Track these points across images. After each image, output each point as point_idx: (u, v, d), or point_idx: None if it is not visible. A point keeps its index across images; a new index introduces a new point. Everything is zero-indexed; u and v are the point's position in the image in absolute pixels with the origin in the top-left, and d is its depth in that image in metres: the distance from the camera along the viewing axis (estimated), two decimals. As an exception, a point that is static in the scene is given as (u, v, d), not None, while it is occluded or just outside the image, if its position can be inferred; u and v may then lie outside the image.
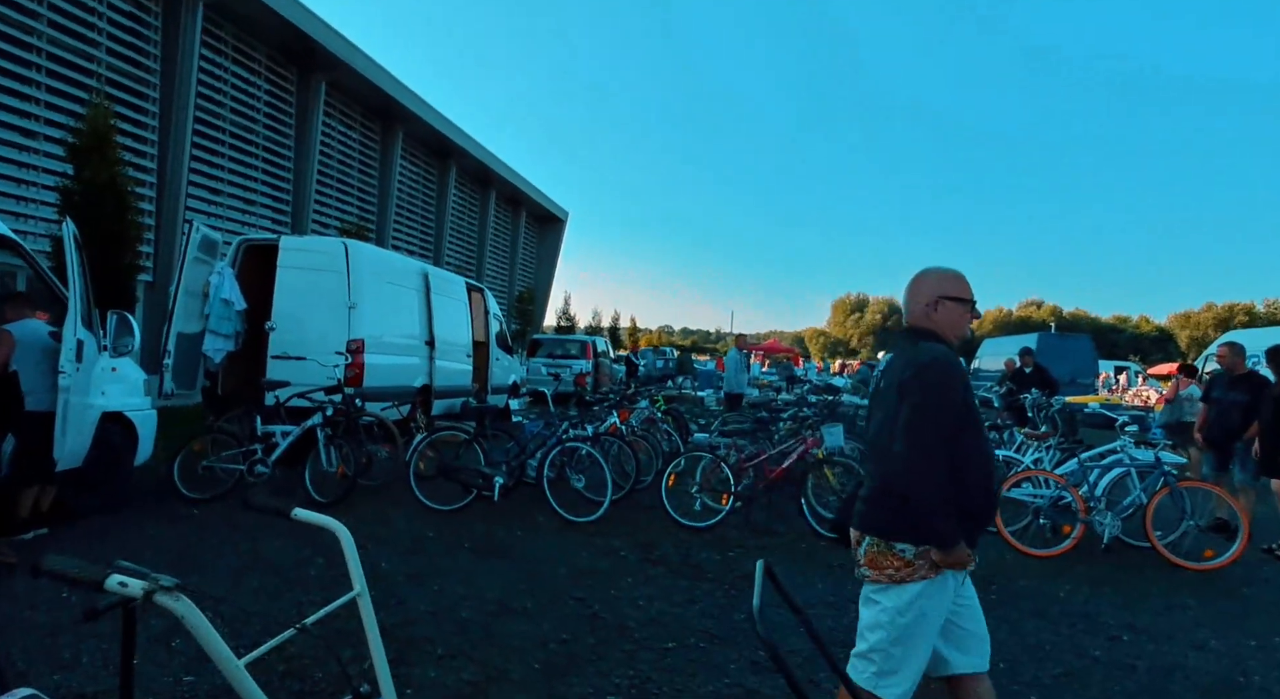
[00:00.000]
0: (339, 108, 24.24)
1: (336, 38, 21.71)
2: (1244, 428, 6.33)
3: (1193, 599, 4.75)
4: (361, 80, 23.27)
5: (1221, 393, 6.63)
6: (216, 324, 8.00)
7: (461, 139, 30.69)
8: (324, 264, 8.33)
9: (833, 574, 4.93)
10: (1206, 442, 6.63)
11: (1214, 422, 6.60)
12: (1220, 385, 6.70)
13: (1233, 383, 6.58)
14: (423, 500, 5.90)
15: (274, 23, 19.35)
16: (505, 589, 4.14)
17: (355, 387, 8.41)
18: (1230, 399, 6.51)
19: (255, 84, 20.50)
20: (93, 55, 15.49)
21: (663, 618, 3.84)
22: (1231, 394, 6.52)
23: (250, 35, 19.85)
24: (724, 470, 6.08)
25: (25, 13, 13.99)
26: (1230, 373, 6.66)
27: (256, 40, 20.15)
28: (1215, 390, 6.73)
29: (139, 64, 16.63)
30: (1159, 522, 5.90)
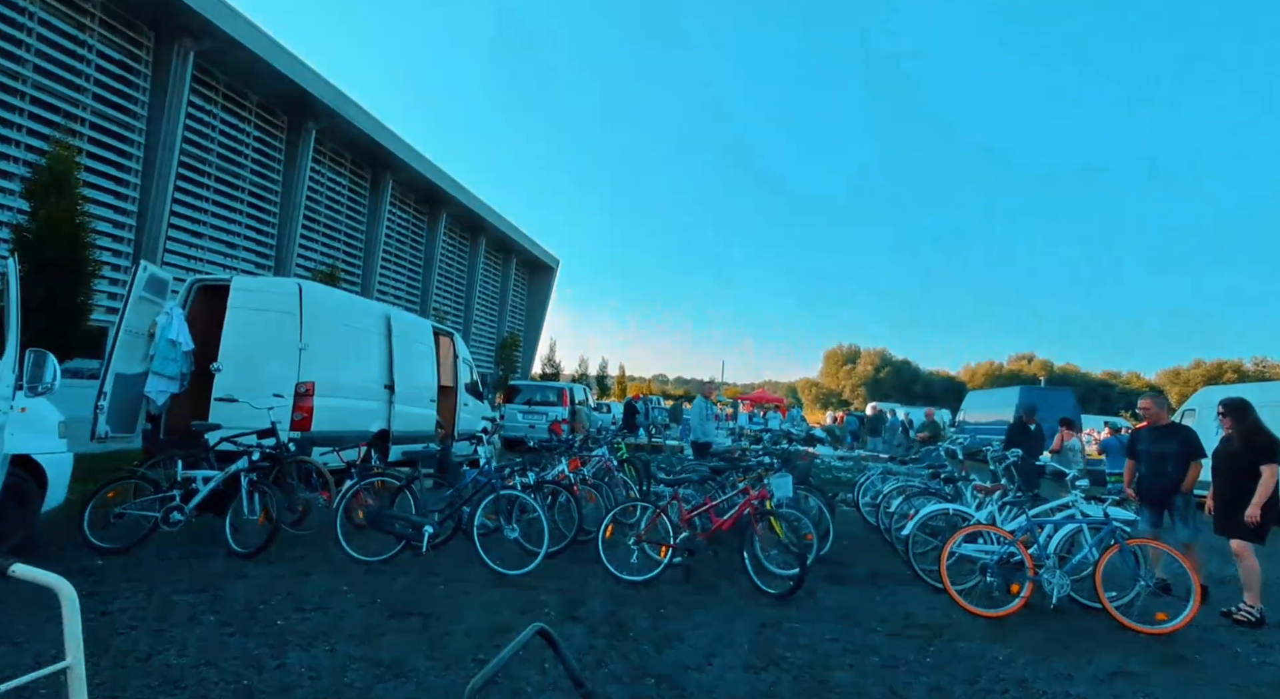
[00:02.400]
0: (329, 155, 24.60)
1: (327, 87, 22.15)
2: (1179, 480, 6.12)
3: (1140, 666, 4.50)
4: (352, 128, 23.67)
5: (1149, 446, 6.37)
6: (161, 365, 7.84)
7: (452, 187, 31.09)
8: (276, 305, 8.24)
9: (762, 633, 4.68)
10: (1140, 498, 6.33)
11: (1147, 476, 6.31)
12: (1146, 438, 6.43)
13: (1160, 435, 6.36)
14: (347, 551, 5.64)
15: (266, 72, 19.74)
16: (404, 650, 3.89)
17: (303, 430, 8.22)
18: (1160, 451, 6.28)
19: (244, 130, 20.82)
20: (77, 100, 15.73)
21: (563, 681, 3.59)
22: (1161, 446, 6.29)
23: (242, 83, 20.24)
24: (664, 521, 5.86)
25: (11, 58, 14.26)
26: (1155, 424, 6.44)
27: (248, 88, 20.54)
28: (1141, 444, 6.45)
29: (125, 109, 16.88)
30: (1114, 581, 5.69)
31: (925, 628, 5.02)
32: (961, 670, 4.22)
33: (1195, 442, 6.25)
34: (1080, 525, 5.64)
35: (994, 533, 5.73)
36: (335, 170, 25.12)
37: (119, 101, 16.67)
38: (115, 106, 16.59)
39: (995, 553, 5.58)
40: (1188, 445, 6.20)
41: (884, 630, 4.90)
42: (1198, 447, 6.23)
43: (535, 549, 6.07)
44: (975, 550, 5.74)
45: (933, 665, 4.29)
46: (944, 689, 3.94)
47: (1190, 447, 6.20)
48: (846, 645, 4.52)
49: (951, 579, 5.68)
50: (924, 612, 5.43)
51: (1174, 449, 6.18)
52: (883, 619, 5.15)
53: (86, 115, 15.93)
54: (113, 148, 16.65)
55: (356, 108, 23.69)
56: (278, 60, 19.58)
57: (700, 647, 4.29)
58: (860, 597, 5.77)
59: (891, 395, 69.11)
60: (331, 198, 24.93)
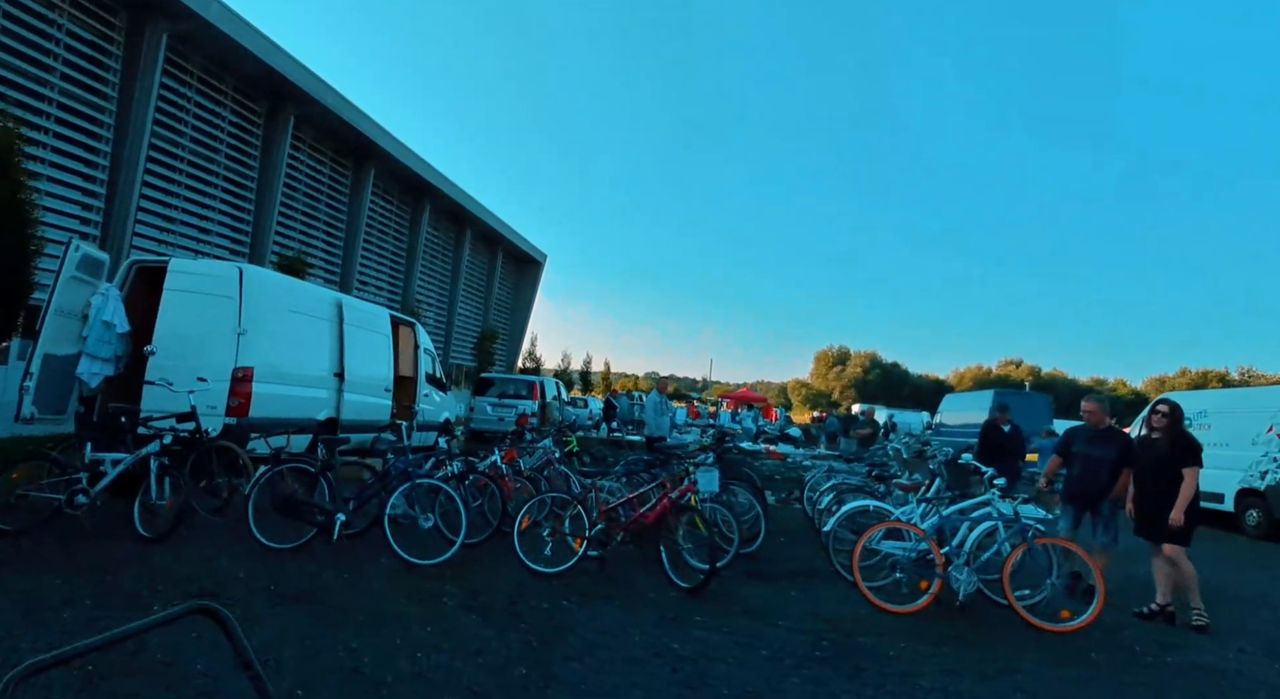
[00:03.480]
0: (308, 142, 24.40)
1: (306, 74, 21.96)
2: (1111, 485, 6.03)
3: (1032, 663, 4.49)
4: (332, 116, 23.48)
5: (1084, 448, 6.20)
6: (95, 347, 7.74)
7: (436, 178, 30.92)
8: (215, 288, 8.15)
9: (660, 626, 4.65)
10: (1067, 498, 6.19)
11: (1078, 478, 6.14)
12: (1081, 440, 6.27)
13: (1096, 438, 6.21)
14: (258, 538, 5.58)
15: (242, 56, 19.54)
16: (278, 639, 3.82)
17: (241, 416, 8.14)
18: (1095, 455, 6.12)
19: (220, 115, 20.62)
20: (45, 79, 15.55)
21: (432, 672, 3.54)
22: (1096, 449, 6.14)
23: (218, 67, 20.05)
24: (580, 514, 5.82)
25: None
26: (1094, 427, 6.31)
27: (224, 72, 20.35)
28: (1076, 445, 6.26)
29: (95, 90, 16.69)
30: (1027, 579, 5.69)
31: (829, 623, 5.01)
32: (848, 664, 4.21)
33: (1130, 445, 6.23)
34: (996, 524, 5.63)
35: (911, 530, 5.71)
36: (315, 158, 24.93)
37: (89, 82, 16.48)
38: (85, 87, 16.40)
39: (914, 550, 5.57)
40: (1126, 452, 6.14)
41: (785, 625, 4.88)
42: (1132, 451, 6.19)
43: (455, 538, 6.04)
44: (893, 547, 5.72)
45: (820, 659, 4.27)
46: (823, 682, 3.92)
47: (1128, 453, 6.15)
48: (739, 639, 4.50)
49: (868, 576, 5.67)
50: (834, 607, 5.42)
51: (1111, 454, 6.09)
52: (788, 614, 5.13)
53: (54, 95, 15.75)
54: (81, 129, 16.46)
55: (337, 96, 23.52)
56: (254, 45, 19.38)
57: (589, 638, 4.26)
58: (776, 592, 5.75)
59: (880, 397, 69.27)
60: (311, 186, 24.74)
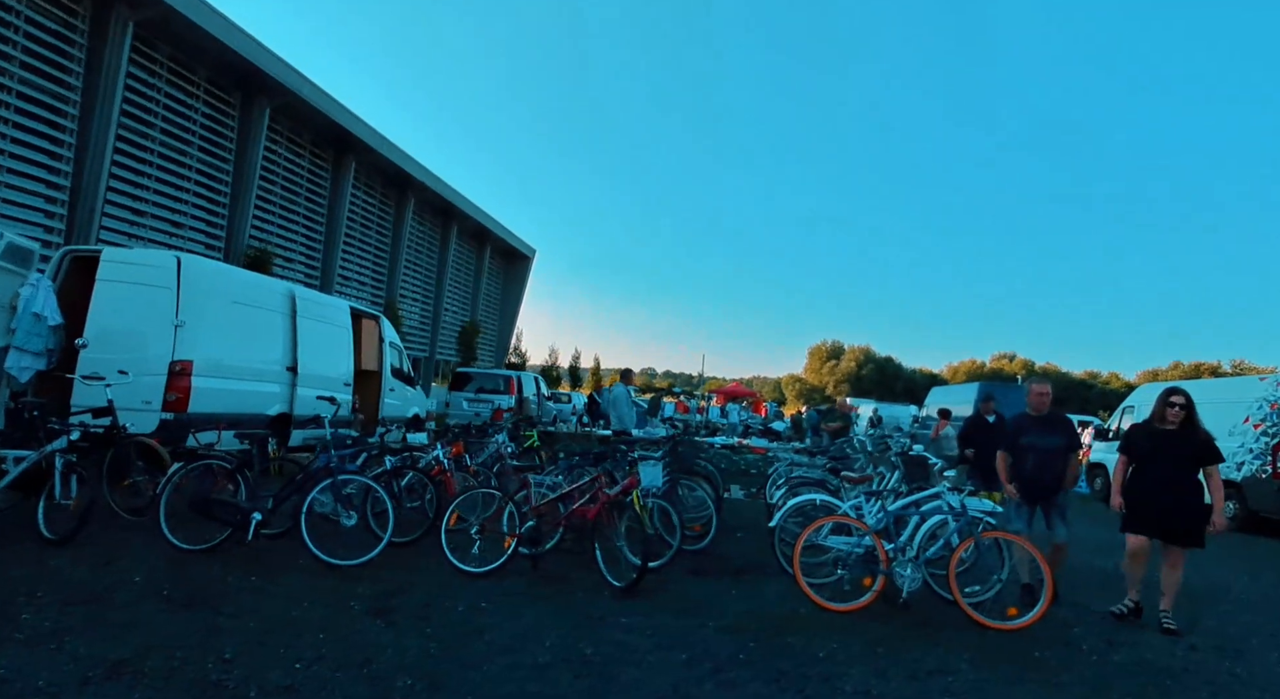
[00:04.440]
0: (285, 135, 24.01)
1: (280, 64, 21.57)
2: (1064, 475, 5.73)
3: (970, 664, 4.26)
4: (309, 108, 23.10)
5: (1037, 438, 5.71)
6: (24, 339, 7.47)
7: (419, 172, 30.54)
8: (152, 278, 7.89)
9: (580, 628, 4.40)
10: (1024, 494, 5.72)
11: (1033, 471, 5.68)
12: (1031, 429, 5.78)
13: (1048, 426, 5.78)
14: (169, 538, 5.31)
15: (212, 46, 19.17)
16: (149, 648, 3.51)
17: (179, 411, 7.88)
18: (1049, 445, 5.70)
19: (192, 106, 20.23)
20: (4, 68, 15.18)
21: (304, 685, 3.25)
22: (1050, 439, 5.71)
23: (188, 57, 19.66)
24: (512, 511, 5.57)
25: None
26: (1039, 414, 5.83)
27: (195, 62, 19.96)
28: (1026, 436, 5.76)
29: (58, 80, 16.30)
30: (978, 575, 5.48)
31: (762, 622, 4.77)
32: (771, 667, 3.97)
33: (1076, 433, 6.05)
34: (946, 518, 5.39)
35: (855, 525, 5.47)
36: (293, 150, 24.55)
37: (51, 72, 16.11)
38: (47, 77, 16.03)
39: (855, 545, 5.33)
40: (1072, 437, 5.89)
41: (715, 625, 4.64)
42: (1077, 437, 6.06)
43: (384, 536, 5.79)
44: (838, 542, 5.48)
45: (743, 662, 4.03)
46: (737, 686, 3.68)
47: (1074, 438, 5.92)
48: (661, 640, 4.26)
49: (814, 572, 5.44)
50: (773, 605, 5.19)
51: (1061, 441, 5.76)
52: (722, 613, 4.89)
53: (14, 84, 15.37)
54: (43, 119, 16.09)
55: (313, 86, 23.14)
56: (224, 34, 18.97)
57: (498, 643, 4.01)
58: (716, 590, 5.51)
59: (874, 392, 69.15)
60: (289, 178, 24.36)
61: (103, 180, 17.12)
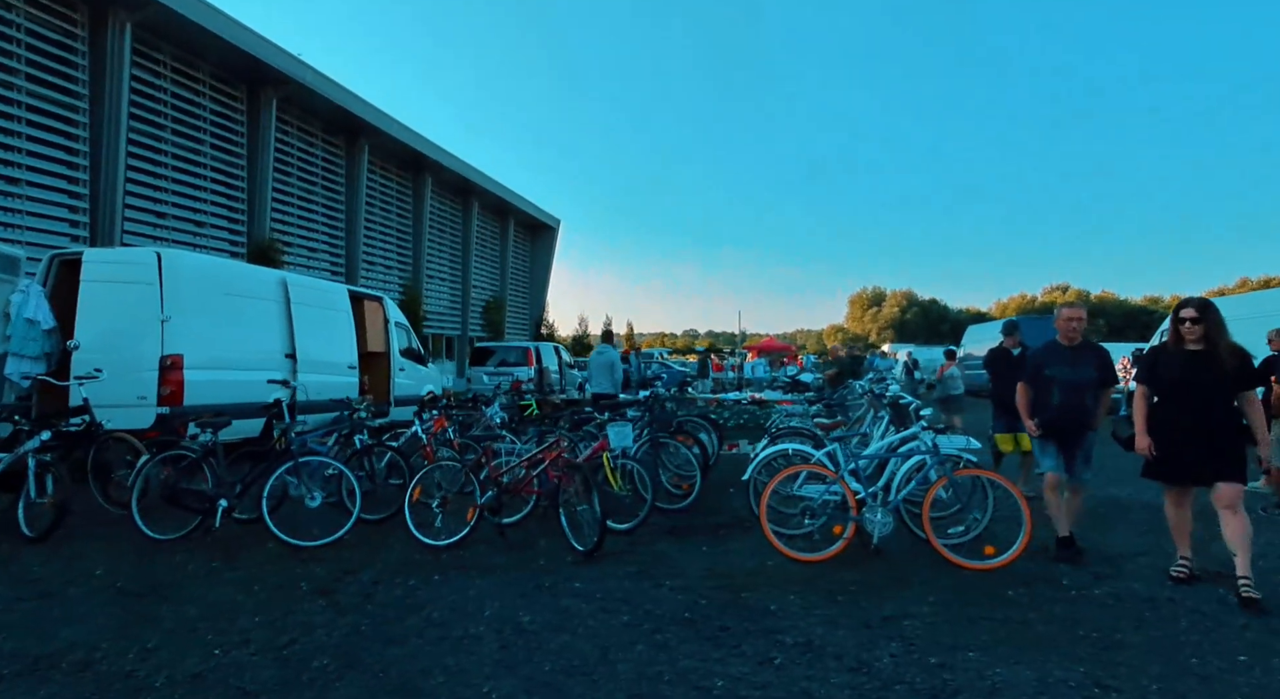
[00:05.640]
0: (295, 124, 24.15)
1: (280, 54, 21.57)
2: (1095, 411, 5.06)
3: (933, 607, 4.03)
4: (315, 95, 23.14)
5: (1065, 369, 5.04)
6: (20, 345, 7.67)
7: (434, 152, 30.51)
8: (134, 276, 7.99)
9: (526, 598, 4.31)
10: (1046, 432, 5.08)
11: (1059, 408, 5.02)
12: (1057, 359, 5.10)
13: (1075, 356, 5.09)
14: (142, 529, 5.41)
15: (212, 41, 19.25)
16: (77, 642, 3.53)
17: (174, 404, 8.03)
18: (1079, 378, 5.01)
19: (199, 103, 20.45)
20: (11, 83, 15.51)
21: (214, 672, 3.18)
22: (1080, 371, 5.02)
23: (191, 54, 19.81)
24: (470, 481, 5.51)
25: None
26: (1070, 343, 5.14)
27: (197, 59, 20.09)
28: (1051, 366, 5.09)
29: (65, 90, 16.61)
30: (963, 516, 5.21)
31: (724, 578, 4.62)
32: (713, 625, 3.82)
33: (1110, 362, 5.28)
34: (924, 457, 5.11)
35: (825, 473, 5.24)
36: (305, 139, 24.71)
37: (57, 82, 16.42)
38: (54, 87, 16.34)
39: (824, 493, 5.11)
40: (1106, 369, 5.17)
41: (672, 584, 4.51)
42: (1112, 369, 5.26)
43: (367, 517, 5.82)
44: (811, 491, 5.26)
45: (686, 621, 3.89)
46: (670, 646, 3.54)
47: (1108, 370, 5.18)
48: (607, 604, 4.14)
49: (788, 523, 5.25)
50: (741, 561, 5.02)
51: (1092, 374, 5.07)
52: (683, 572, 4.75)
53: (23, 97, 15.74)
54: (56, 130, 16.48)
55: (315, 73, 23.12)
56: (220, 28, 19.03)
57: (434, 617, 3.92)
58: (685, 549, 5.37)
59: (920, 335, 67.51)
60: (304, 167, 24.59)
61: (119, 184, 17.51)
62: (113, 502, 6.29)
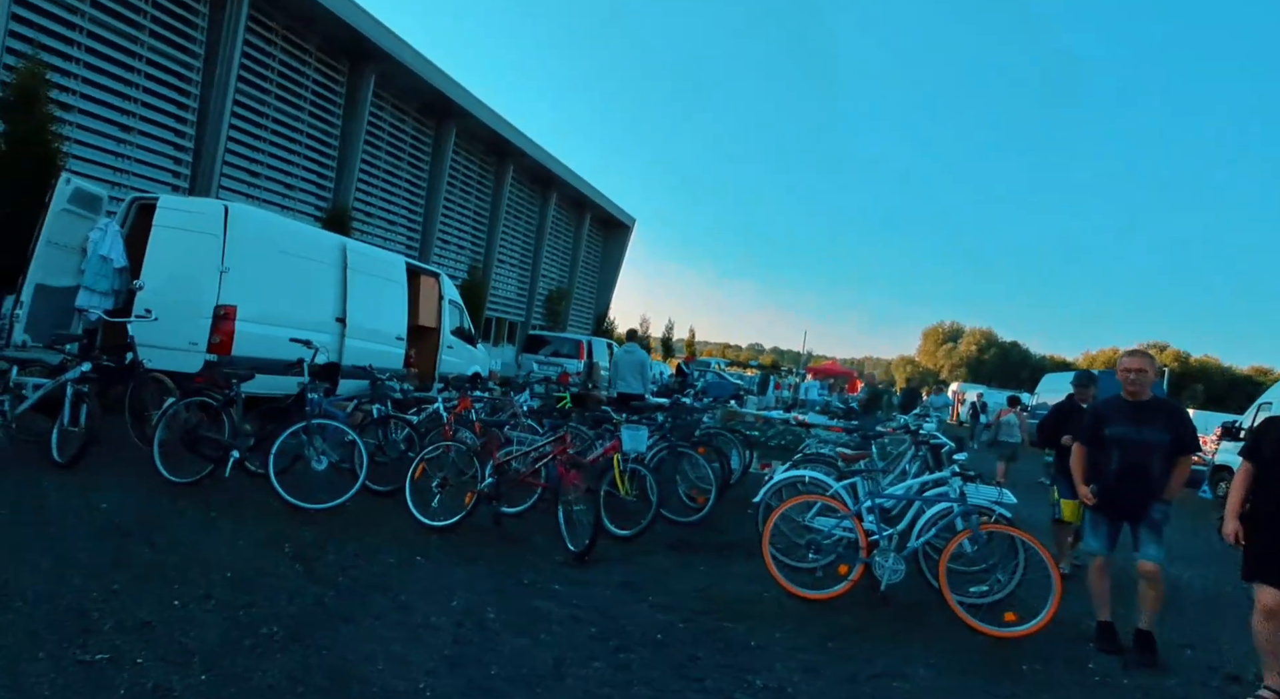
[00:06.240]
0: (390, 101, 24.94)
1: (386, 33, 22.30)
2: (1164, 481, 4.27)
3: (931, 670, 3.66)
4: (413, 75, 23.82)
5: (1125, 429, 4.32)
6: (92, 280, 8.06)
7: (519, 139, 30.99)
8: (201, 226, 8.27)
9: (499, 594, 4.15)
10: (1100, 504, 4.38)
11: (1121, 475, 4.29)
12: (1119, 416, 4.39)
13: (1141, 413, 4.35)
14: (160, 470, 5.54)
15: (323, 15, 20.10)
16: (43, 575, 3.55)
17: (222, 353, 8.28)
18: (1141, 439, 4.28)
19: (304, 73, 21.36)
20: (136, 37, 16.55)
21: (164, 625, 3.10)
22: (1144, 431, 4.28)
23: (301, 26, 20.72)
24: (473, 464, 5.40)
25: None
26: (1135, 399, 4.42)
27: (307, 31, 21.00)
28: (1110, 425, 4.38)
29: (182, 48, 17.60)
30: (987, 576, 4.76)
31: (712, 603, 4.35)
32: (684, 653, 3.57)
33: (1190, 425, 4.45)
34: (951, 505, 4.70)
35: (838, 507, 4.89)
36: (397, 116, 25.49)
37: (177, 39, 17.42)
38: (173, 44, 17.35)
39: (834, 528, 4.77)
40: (1181, 430, 4.33)
41: (655, 601, 4.27)
42: (1193, 434, 4.42)
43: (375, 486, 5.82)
44: (823, 524, 4.93)
45: (657, 643, 3.65)
46: (629, 668, 3.32)
47: (1184, 432, 4.34)
48: (580, 612, 3.95)
49: (794, 554, 4.93)
50: (736, 586, 4.73)
51: (1164, 436, 4.28)
52: (671, 590, 4.51)
53: (144, 52, 16.76)
54: (170, 85, 17.48)
55: (416, 54, 23.81)
56: (333, 3, 19.88)
57: (400, 600, 3.80)
58: (682, 565, 5.12)
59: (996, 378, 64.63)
60: (393, 143, 25.38)
61: (221, 141, 18.45)
62: (144, 439, 6.49)
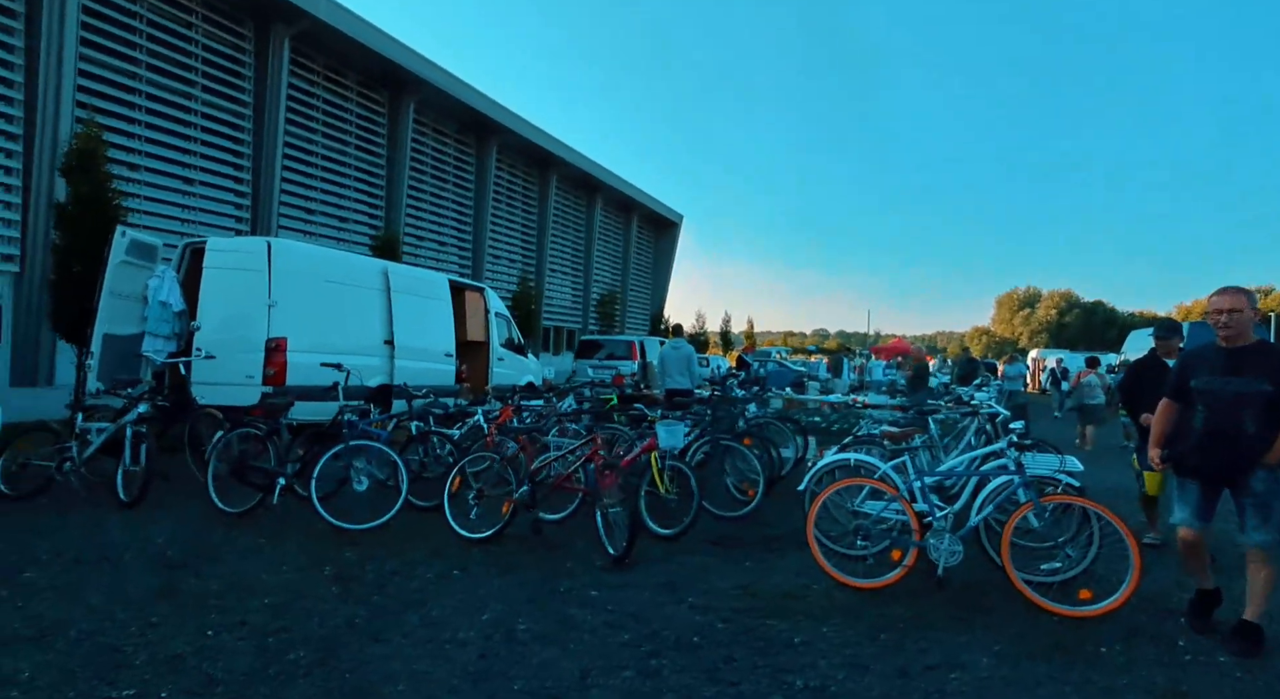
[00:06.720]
0: (430, 125, 25.58)
1: (421, 61, 22.85)
2: (1265, 442, 3.50)
3: (993, 658, 3.36)
4: (449, 98, 24.38)
5: (1215, 380, 3.64)
6: (155, 325, 8.48)
7: (560, 149, 31.31)
8: (248, 264, 8.58)
9: (534, 601, 4.07)
10: (1187, 469, 3.76)
11: (1209, 434, 3.63)
12: (1209, 366, 3.70)
13: (1238, 360, 3.63)
14: (215, 502, 5.72)
15: (360, 51, 20.79)
16: (94, 609, 3.67)
17: (277, 384, 8.57)
18: (1234, 391, 3.58)
19: (347, 108, 22.15)
20: (190, 93, 17.50)
21: (195, 655, 3.15)
22: (1238, 382, 3.58)
23: (340, 63, 21.47)
24: (508, 473, 5.35)
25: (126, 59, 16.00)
26: (1230, 344, 3.69)
27: (347, 67, 21.76)
28: (1198, 376, 3.71)
29: (233, 98, 18.49)
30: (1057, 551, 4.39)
31: (756, 599, 4.15)
32: (720, 654, 3.39)
33: None
34: (1011, 478, 4.35)
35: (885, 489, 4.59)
36: (439, 139, 26.12)
37: (228, 92, 18.32)
38: (225, 97, 18.26)
39: (883, 511, 4.49)
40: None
41: (695, 601, 4.10)
42: None
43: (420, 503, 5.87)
44: (872, 508, 4.65)
45: (693, 646, 3.49)
46: (659, 675, 3.16)
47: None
48: (615, 617, 3.82)
49: (845, 542, 4.68)
50: (784, 581, 4.50)
51: (1257, 387, 3.53)
52: (714, 589, 4.32)
53: (199, 106, 17.69)
54: (226, 135, 18.39)
55: (451, 77, 24.33)
56: (367, 38, 20.48)
57: (432, 616, 3.75)
58: (727, 561, 4.92)
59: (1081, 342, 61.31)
60: (437, 166, 26.03)
61: (275, 182, 19.31)
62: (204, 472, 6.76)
